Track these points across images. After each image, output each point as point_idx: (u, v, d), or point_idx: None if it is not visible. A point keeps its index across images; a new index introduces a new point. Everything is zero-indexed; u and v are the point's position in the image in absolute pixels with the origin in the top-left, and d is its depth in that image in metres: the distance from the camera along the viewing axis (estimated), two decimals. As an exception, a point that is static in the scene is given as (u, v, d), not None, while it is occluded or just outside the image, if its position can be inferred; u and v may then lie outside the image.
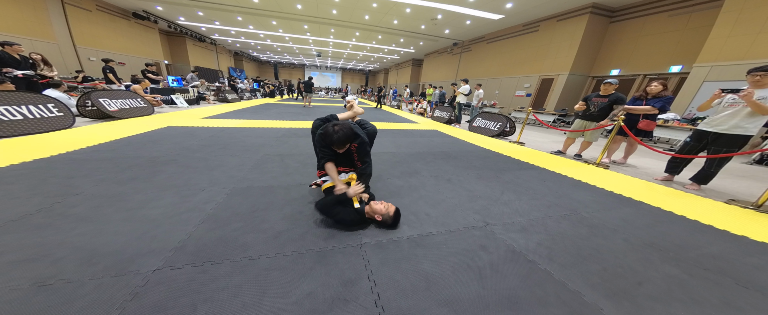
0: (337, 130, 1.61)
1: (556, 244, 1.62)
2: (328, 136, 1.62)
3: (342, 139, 1.62)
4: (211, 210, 1.72)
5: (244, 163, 2.78)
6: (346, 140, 1.65)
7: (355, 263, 1.33)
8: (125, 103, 4.95)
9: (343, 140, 1.63)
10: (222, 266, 1.22)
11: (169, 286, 1.08)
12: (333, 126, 1.63)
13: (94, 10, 10.70)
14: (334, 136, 1.61)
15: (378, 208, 1.61)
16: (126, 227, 1.47)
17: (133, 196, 1.85)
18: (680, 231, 1.91)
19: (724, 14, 5.67)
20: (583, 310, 1.12)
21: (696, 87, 6.11)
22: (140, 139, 3.45)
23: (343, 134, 1.61)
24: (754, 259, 1.60)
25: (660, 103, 3.44)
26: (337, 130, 1.61)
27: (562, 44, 9.04)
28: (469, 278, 1.27)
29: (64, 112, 3.78)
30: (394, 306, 1.08)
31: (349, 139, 1.66)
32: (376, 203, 1.64)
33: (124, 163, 2.51)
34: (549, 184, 2.78)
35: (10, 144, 2.85)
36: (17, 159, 2.39)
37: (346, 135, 1.63)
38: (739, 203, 2.50)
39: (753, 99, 2.46)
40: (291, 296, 1.09)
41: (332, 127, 1.62)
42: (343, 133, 1.61)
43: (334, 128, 1.62)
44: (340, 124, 1.65)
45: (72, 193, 1.81)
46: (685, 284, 1.33)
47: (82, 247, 1.28)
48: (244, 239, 1.44)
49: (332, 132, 1.61)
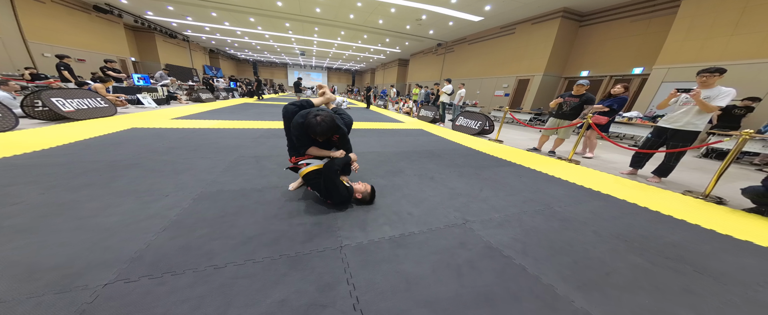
0: (320, 122, 1.59)
1: (530, 238, 1.66)
2: (312, 127, 1.59)
3: (325, 131, 1.61)
4: (175, 216, 1.60)
5: (215, 165, 2.63)
6: (329, 131, 1.64)
7: (333, 267, 1.28)
8: (83, 103, 4.53)
9: (325, 131, 1.62)
10: (183, 277, 1.13)
11: (122, 301, 0.98)
12: (315, 116, 1.61)
13: (49, 2, 9.76)
14: (318, 127, 1.58)
15: (358, 187, 1.89)
16: (75, 238, 1.33)
17: (86, 203, 1.68)
18: (644, 222, 2.03)
19: (679, 21, 6.16)
20: (556, 303, 1.14)
21: (655, 87, 6.60)
22: (100, 142, 3.17)
23: (325, 126, 1.60)
24: (706, 246, 1.73)
25: (609, 102, 4.01)
26: (319, 122, 1.59)
27: (537, 46, 9.43)
28: (448, 277, 1.27)
29: (2, 113, 3.38)
30: (374, 309, 1.05)
31: (332, 130, 1.66)
32: (357, 184, 1.92)
33: (78, 168, 2.28)
34: (525, 180, 2.87)
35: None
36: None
37: (328, 126, 1.61)
38: (692, 194, 2.71)
39: (700, 98, 2.68)
40: (260, 305, 1.02)
41: (315, 118, 1.60)
42: (325, 125, 1.60)
43: (317, 119, 1.59)
44: (322, 115, 1.63)
45: (9, 203, 1.61)
46: (649, 273, 1.40)
47: (18, 263, 1.13)
48: (210, 246, 1.34)
49: (315, 123, 1.59)
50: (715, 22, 5.64)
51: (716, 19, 5.63)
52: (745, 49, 5.27)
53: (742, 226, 2.05)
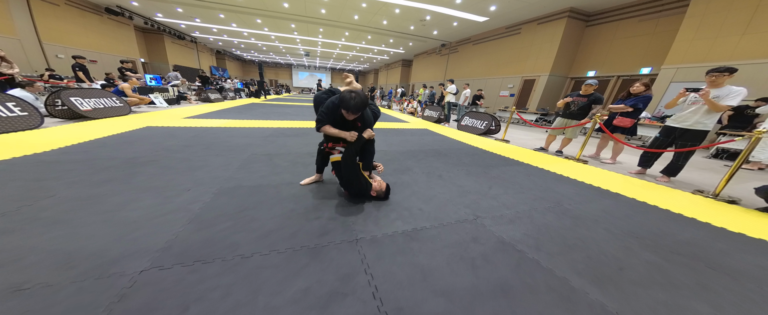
0: (354, 97, 1.74)
1: (543, 234, 1.69)
2: (345, 101, 1.73)
3: (357, 106, 1.74)
4: (197, 210, 1.66)
5: (229, 162, 2.70)
6: (361, 107, 1.77)
7: (351, 259, 1.32)
8: (99, 103, 4.66)
9: (357, 106, 1.75)
10: (212, 266, 1.18)
11: (158, 286, 1.04)
12: (349, 93, 1.76)
13: (62, 5, 10.02)
14: (351, 102, 1.73)
15: (374, 184, 1.98)
16: (104, 230, 1.39)
17: (109, 198, 1.75)
18: (655, 220, 2.04)
19: (688, 19, 6.10)
20: (571, 296, 1.17)
21: (664, 87, 6.54)
22: (116, 140, 3.27)
23: (359, 101, 1.75)
24: (719, 244, 1.73)
25: (632, 101, 3.58)
26: (353, 97, 1.74)
27: (542, 46, 9.41)
28: (463, 269, 1.30)
29: (29, 112, 3.51)
30: (392, 298, 1.08)
31: (363, 106, 1.80)
32: (374, 180, 2.02)
33: (98, 164, 2.36)
34: (534, 179, 2.88)
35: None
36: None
37: (361, 102, 1.76)
38: (702, 193, 2.70)
39: (709, 97, 2.68)
40: (286, 293, 1.07)
41: (349, 94, 1.74)
42: (359, 100, 1.75)
43: (352, 95, 1.74)
44: (356, 92, 1.78)
45: (43, 196, 1.69)
46: (663, 269, 1.42)
47: (57, 251, 1.20)
48: (234, 238, 1.39)
49: (350, 98, 1.73)
50: (726, 21, 5.57)
51: (727, 18, 5.56)
52: (757, 49, 5.20)
53: (755, 224, 2.04)
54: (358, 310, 1.01)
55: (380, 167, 2.30)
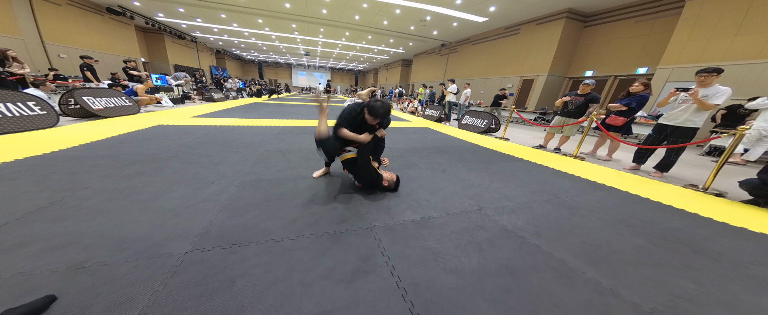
0: (382, 105, 1.96)
1: (542, 223, 1.84)
2: (373, 108, 1.94)
3: (383, 113, 1.96)
4: (225, 200, 1.80)
5: (246, 158, 2.84)
6: (386, 114, 2.01)
7: (368, 243, 1.46)
8: (110, 102, 4.78)
9: (384, 114, 1.97)
10: (249, 248, 1.32)
11: (204, 265, 1.18)
12: (377, 101, 1.98)
13: (64, 5, 10.08)
14: (380, 109, 1.95)
15: (386, 176, 2.13)
16: (145, 217, 1.53)
17: (143, 189, 1.88)
18: (645, 210, 2.19)
19: (683, 21, 6.28)
20: (569, 273, 1.32)
21: (660, 87, 6.71)
22: (134, 137, 3.39)
23: (385, 108, 1.97)
24: (703, 230, 1.89)
25: (628, 100, 3.67)
26: (381, 105, 1.96)
27: (541, 47, 9.56)
28: (470, 251, 1.45)
29: (47, 111, 3.64)
30: (408, 275, 1.23)
31: (387, 113, 2.03)
32: (385, 173, 2.17)
33: (124, 159, 2.50)
34: (532, 174, 3.04)
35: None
36: (8, 157, 2.33)
37: (386, 110, 1.99)
38: (693, 187, 2.86)
39: (698, 97, 2.84)
40: (316, 270, 1.21)
41: (377, 102, 1.96)
42: (385, 107, 1.97)
43: (378, 103, 1.96)
44: (382, 100, 2.00)
45: (80, 188, 1.82)
46: (651, 252, 1.57)
47: (108, 235, 1.33)
48: (264, 225, 1.54)
49: (378, 106, 1.94)
50: (719, 22, 5.75)
51: (720, 20, 5.74)
52: (748, 50, 5.38)
53: (739, 215, 2.20)
54: (379, 285, 1.16)
55: (386, 161, 2.48)
